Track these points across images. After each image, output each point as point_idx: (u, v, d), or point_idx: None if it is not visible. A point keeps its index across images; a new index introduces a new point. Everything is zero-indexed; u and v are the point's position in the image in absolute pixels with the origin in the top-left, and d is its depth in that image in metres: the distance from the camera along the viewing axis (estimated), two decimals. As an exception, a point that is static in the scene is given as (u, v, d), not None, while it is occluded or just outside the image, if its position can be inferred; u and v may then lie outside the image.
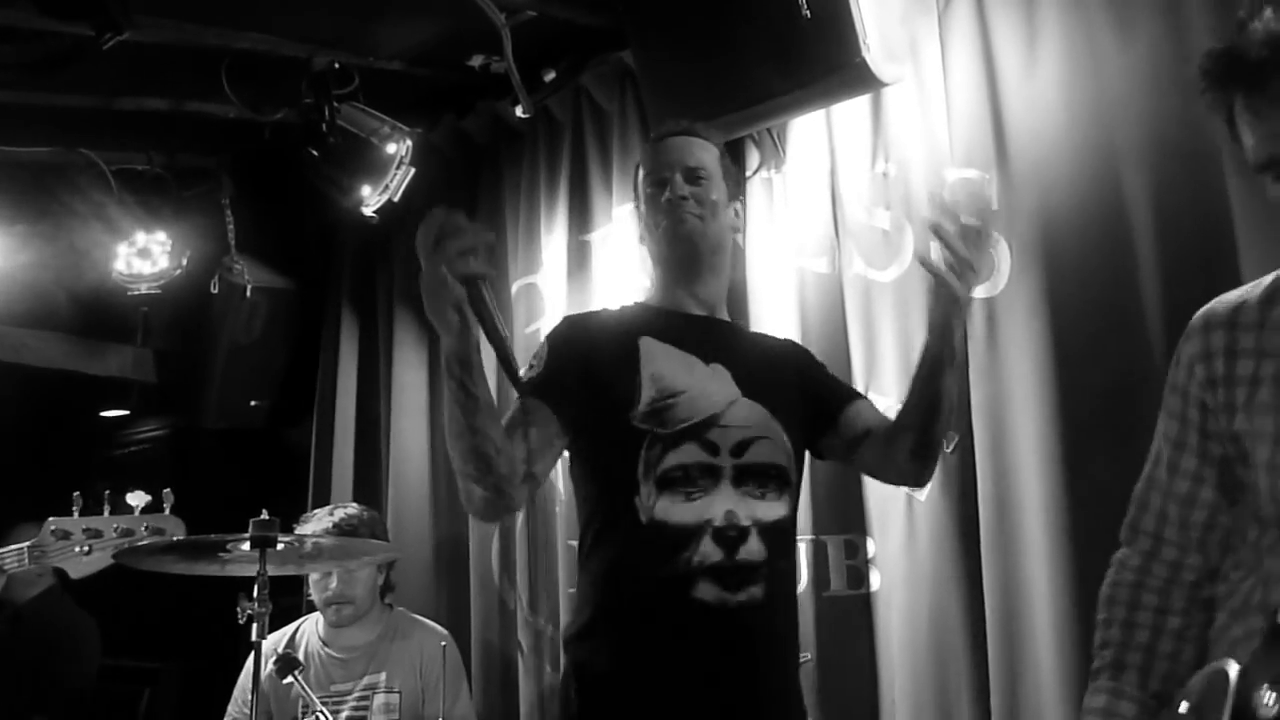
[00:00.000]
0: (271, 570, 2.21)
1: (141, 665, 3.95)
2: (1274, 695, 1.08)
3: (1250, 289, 1.40)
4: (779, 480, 1.85)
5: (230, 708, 2.94)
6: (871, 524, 2.61)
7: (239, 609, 2.14)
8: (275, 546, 2.15)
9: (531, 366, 1.87)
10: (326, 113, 2.88)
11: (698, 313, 1.96)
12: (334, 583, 2.93)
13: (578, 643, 1.83)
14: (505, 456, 1.67)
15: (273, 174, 3.73)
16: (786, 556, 1.88)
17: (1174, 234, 2.29)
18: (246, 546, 2.16)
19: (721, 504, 1.78)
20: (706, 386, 1.85)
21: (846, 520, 2.64)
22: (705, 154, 1.98)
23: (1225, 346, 1.34)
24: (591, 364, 1.84)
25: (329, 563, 2.70)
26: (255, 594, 2.13)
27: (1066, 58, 2.46)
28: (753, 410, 1.86)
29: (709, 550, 1.76)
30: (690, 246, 1.92)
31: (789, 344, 2.19)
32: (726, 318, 2.04)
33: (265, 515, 2.17)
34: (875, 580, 2.59)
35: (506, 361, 1.60)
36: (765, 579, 1.78)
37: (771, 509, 1.82)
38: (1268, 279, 1.39)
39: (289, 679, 2.35)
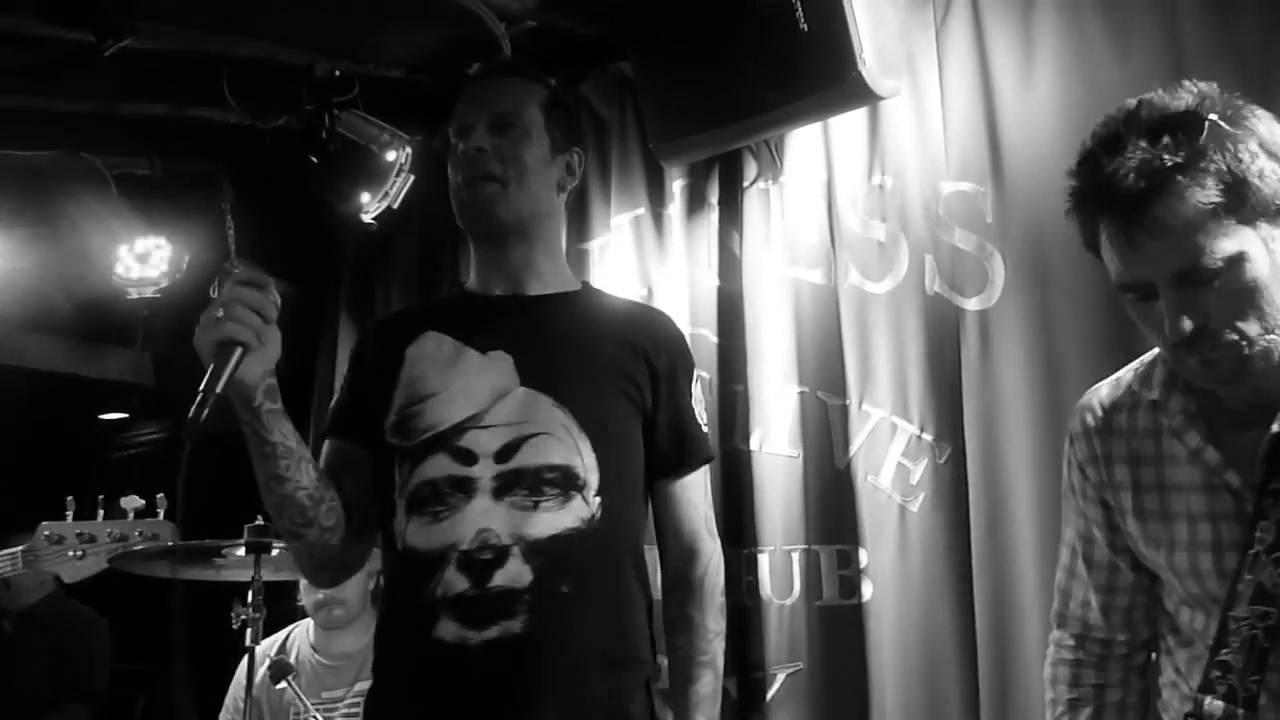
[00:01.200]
0: (266, 576, 2.22)
1: (136, 669, 3.96)
2: None
3: (1117, 381, 1.41)
4: (563, 484, 1.52)
5: (223, 715, 2.94)
6: (864, 534, 2.61)
7: (233, 614, 2.15)
8: (270, 552, 2.16)
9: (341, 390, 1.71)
10: (327, 120, 2.90)
11: (498, 292, 1.67)
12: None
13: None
14: (326, 506, 1.48)
15: (274, 179, 3.74)
16: (571, 577, 1.51)
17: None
18: (241, 552, 2.17)
19: (473, 523, 1.50)
20: (468, 383, 1.57)
21: (839, 530, 2.65)
22: (523, 96, 1.66)
23: (1106, 453, 1.36)
24: (362, 374, 1.64)
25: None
26: (249, 599, 2.14)
27: (1062, 72, 2.47)
28: (531, 402, 1.56)
29: (452, 580, 1.48)
30: (486, 217, 1.62)
31: (645, 320, 1.74)
32: (547, 290, 1.69)
33: (260, 521, 2.17)
34: (867, 590, 2.59)
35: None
36: (530, 610, 1.46)
37: (549, 521, 1.50)
38: (1128, 373, 1.40)
39: (282, 684, 2.36)
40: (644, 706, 1.57)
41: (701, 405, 1.71)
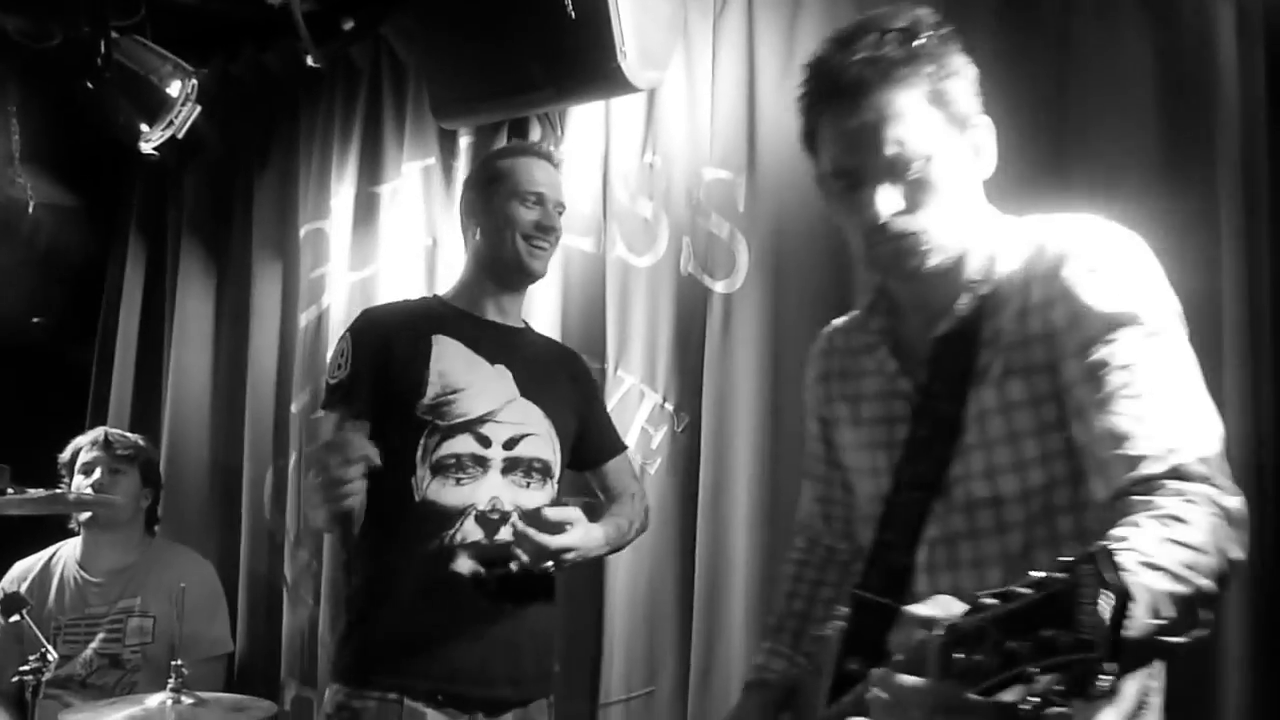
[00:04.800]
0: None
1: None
2: (859, 661, 1.28)
3: (855, 310, 1.58)
4: (543, 472, 2.15)
5: None
6: (609, 492, 2.81)
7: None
8: (3, 494, 2.20)
9: (339, 366, 2.10)
10: (103, 46, 2.83)
11: (494, 319, 2.20)
12: (97, 476, 3.00)
13: (358, 601, 2.10)
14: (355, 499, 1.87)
15: (64, 83, 3.61)
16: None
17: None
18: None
19: (488, 490, 2.07)
20: (487, 386, 2.10)
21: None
22: (560, 183, 2.26)
23: (825, 371, 1.54)
24: (387, 357, 2.07)
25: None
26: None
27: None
28: (527, 410, 2.14)
29: (470, 530, 2.04)
30: (534, 277, 2.22)
31: (572, 357, 2.42)
32: (516, 323, 2.26)
33: (-4, 463, 2.21)
34: (607, 544, 2.80)
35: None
36: (524, 553, 2.02)
37: (534, 497, 2.11)
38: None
39: (15, 618, 2.41)
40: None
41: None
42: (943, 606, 0.93)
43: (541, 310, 2.95)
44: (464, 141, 3.14)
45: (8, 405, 3.84)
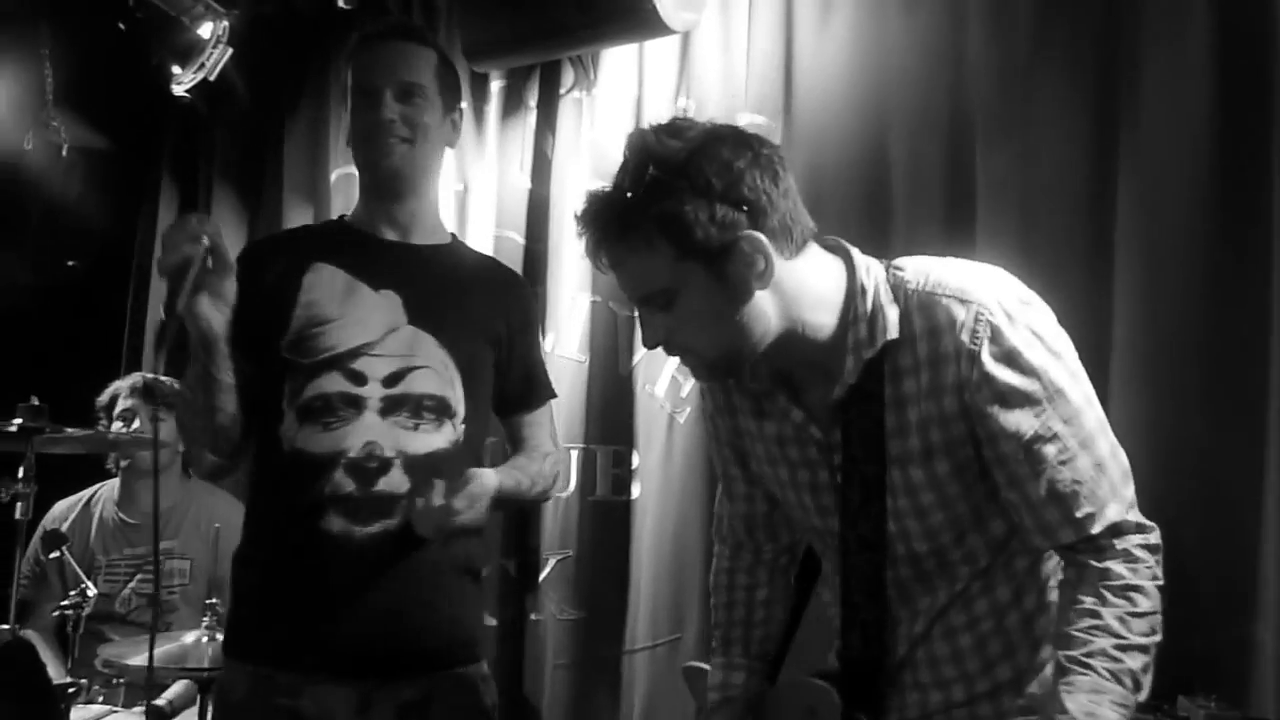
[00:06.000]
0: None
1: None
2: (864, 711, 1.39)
3: None
4: (438, 411, 1.79)
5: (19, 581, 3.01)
6: (638, 438, 2.82)
7: (2, 488, 2.23)
8: (43, 434, 2.23)
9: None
10: (135, -13, 2.82)
11: (389, 237, 1.88)
12: (137, 426, 3.04)
13: (236, 563, 1.86)
14: (237, 424, 1.73)
15: (96, 26, 3.60)
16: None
17: (924, 198, 2.50)
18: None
19: (363, 434, 1.74)
20: (366, 315, 1.79)
21: (616, 432, 2.85)
22: (422, 65, 1.85)
23: (731, 406, 1.52)
24: (256, 292, 1.77)
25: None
26: (20, 474, 2.21)
27: (856, 23, 2.60)
28: (416, 339, 1.80)
29: (341, 481, 1.72)
30: (392, 175, 1.84)
31: (506, 280, 2.04)
32: (428, 240, 1.92)
33: (35, 401, 2.24)
34: (636, 489, 2.82)
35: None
36: (405, 511, 1.72)
37: (424, 440, 1.77)
38: None
39: (55, 554, 2.45)
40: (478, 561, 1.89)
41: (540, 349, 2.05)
42: None
43: (571, 256, 2.95)
44: (495, 85, 3.12)
45: (45, 346, 3.89)
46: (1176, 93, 2.18)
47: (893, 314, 1.31)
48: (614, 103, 2.93)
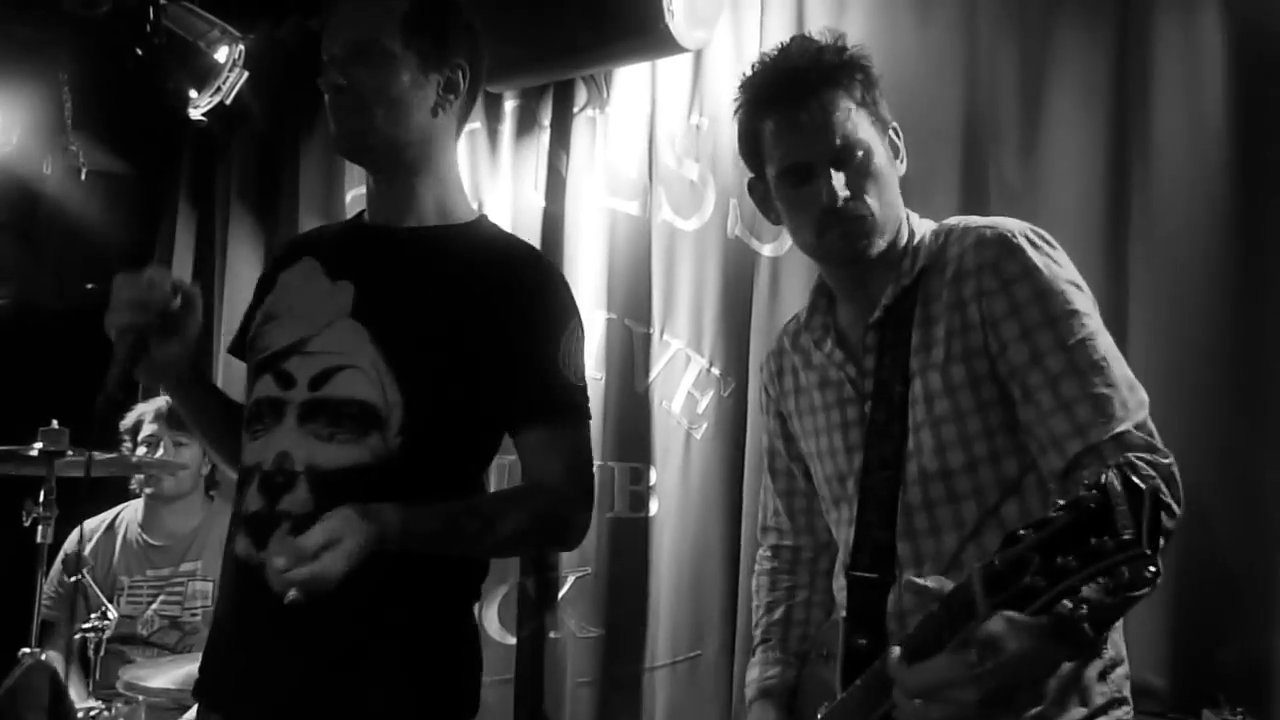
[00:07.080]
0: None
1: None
2: (865, 635, 1.38)
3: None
4: (361, 420, 1.47)
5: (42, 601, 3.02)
6: (655, 455, 2.82)
7: (24, 512, 2.24)
8: (64, 456, 2.24)
9: None
10: (151, 12, 2.85)
11: (378, 221, 1.63)
12: (161, 453, 3.06)
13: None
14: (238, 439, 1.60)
15: (115, 52, 3.64)
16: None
17: (937, 208, 2.46)
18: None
19: (277, 445, 1.49)
20: (310, 308, 1.55)
21: (633, 449, 2.85)
22: (380, 18, 1.54)
23: (779, 369, 1.64)
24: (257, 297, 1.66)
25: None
26: (41, 498, 2.23)
27: (868, 36, 2.60)
28: (350, 334, 1.50)
29: (251, 498, 1.50)
30: (353, 150, 1.59)
31: (515, 271, 1.58)
32: (425, 221, 1.61)
33: (55, 425, 2.25)
34: (654, 506, 2.82)
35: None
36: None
37: (338, 453, 1.46)
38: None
39: (75, 577, 2.47)
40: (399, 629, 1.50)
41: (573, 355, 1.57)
42: (937, 581, 1.06)
43: (587, 274, 2.96)
44: (509, 105, 3.14)
45: (64, 370, 3.91)
46: (1190, 98, 2.18)
47: (932, 244, 1.43)
48: (627, 121, 2.95)
